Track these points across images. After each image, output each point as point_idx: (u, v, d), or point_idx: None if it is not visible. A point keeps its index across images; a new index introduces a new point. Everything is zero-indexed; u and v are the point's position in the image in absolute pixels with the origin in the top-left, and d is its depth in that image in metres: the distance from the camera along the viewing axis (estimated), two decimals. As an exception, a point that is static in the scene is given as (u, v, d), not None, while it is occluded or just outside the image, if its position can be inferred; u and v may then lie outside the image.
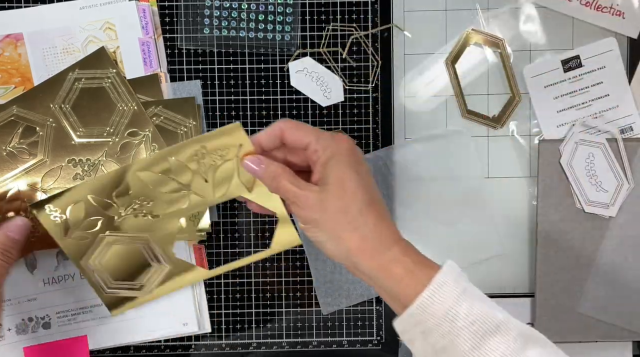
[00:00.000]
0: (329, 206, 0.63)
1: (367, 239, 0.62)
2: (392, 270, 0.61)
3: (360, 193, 0.63)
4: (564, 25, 0.84)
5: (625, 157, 0.83)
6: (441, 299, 0.59)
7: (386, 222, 0.63)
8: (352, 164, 0.64)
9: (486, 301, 0.60)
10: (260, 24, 0.82)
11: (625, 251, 0.84)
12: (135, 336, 0.84)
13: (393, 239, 0.63)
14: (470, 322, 0.58)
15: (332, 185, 0.63)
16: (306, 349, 0.86)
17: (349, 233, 0.62)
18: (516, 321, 0.59)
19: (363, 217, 0.62)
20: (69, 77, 0.81)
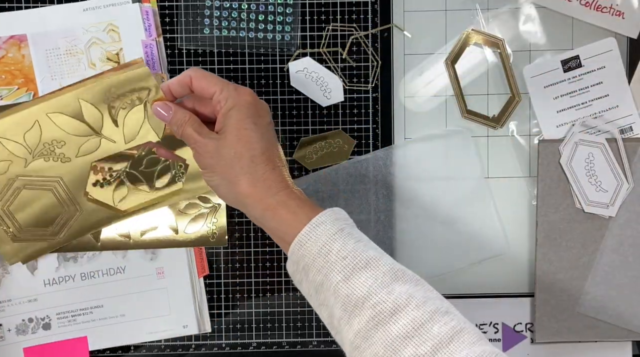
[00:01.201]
0: (224, 152, 0.68)
1: (257, 184, 0.67)
2: (277, 211, 0.66)
3: (255, 142, 0.67)
4: (563, 25, 0.84)
5: (625, 157, 0.83)
6: (316, 236, 0.64)
7: (277, 170, 0.68)
8: (251, 115, 0.68)
9: (362, 241, 0.64)
10: (260, 24, 0.83)
11: (625, 251, 0.83)
12: (135, 338, 0.84)
13: (282, 186, 0.67)
14: (342, 257, 0.62)
15: (229, 133, 0.68)
16: (306, 349, 0.86)
17: (241, 177, 0.67)
18: (389, 260, 0.63)
19: (254, 164, 0.67)
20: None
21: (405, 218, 0.85)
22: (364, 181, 0.84)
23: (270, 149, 0.69)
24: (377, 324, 0.60)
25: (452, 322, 0.59)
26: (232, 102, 0.69)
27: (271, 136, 0.70)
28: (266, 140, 0.69)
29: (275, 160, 0.69)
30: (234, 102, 0.69)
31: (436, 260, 0.85)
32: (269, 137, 0.70)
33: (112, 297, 0.84)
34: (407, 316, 0.59)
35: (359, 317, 0.61)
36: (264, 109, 0.71)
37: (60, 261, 0.83)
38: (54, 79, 0.81)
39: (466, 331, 0.58)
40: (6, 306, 0.83)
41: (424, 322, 0.58)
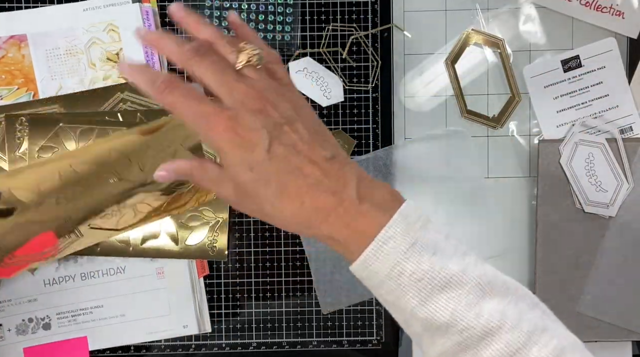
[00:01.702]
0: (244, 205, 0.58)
1: (292, 225, 0.57)
2: (329, 243, 0.57)
3: (262, 190, 0.56)
4: (564, 25, 0.84)
5: (625, 157, 0.83)
6: (384, 256, 0.54)
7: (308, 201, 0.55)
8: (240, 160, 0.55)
9: (438, 252, 0.54)
10: (260, 24, 0.83)
11: (625, 251, 0.83)
12: (134, 338, 0.84)
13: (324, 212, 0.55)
14: (417, 279, 0.53)
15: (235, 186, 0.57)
16: (306, 349, 0.86)
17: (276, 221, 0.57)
18: (475, 270, 0.54)
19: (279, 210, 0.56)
20: (117, 96, 0.82)
21: (405, 218, 0.85)
22: (364, 180, 0.84)
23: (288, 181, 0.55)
24: (465, 348, 0.53)
25: (552, 341, 0.53)
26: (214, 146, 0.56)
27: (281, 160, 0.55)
28: (275, 176, 0.55)
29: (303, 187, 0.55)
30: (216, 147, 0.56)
31: (436, 260, 0.85)
32: (278, 166, 0.55)
33: (112, 297, 0.84)
34: (501, 341, 0.52)
35: (444, 339, 0.54)
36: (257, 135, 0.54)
37: (60, 261, 0.83)
38: (54, 79, 0.81)
39: (567, 349, 0.53)
40: (6, 306, 0.83)
41: (520, 346, 0.52)
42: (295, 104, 0.57)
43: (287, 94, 0.57)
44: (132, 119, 0.81)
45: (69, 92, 0.81)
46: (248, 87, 0.55)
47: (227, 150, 0.55)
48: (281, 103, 0.56)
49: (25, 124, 0.80)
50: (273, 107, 0.55)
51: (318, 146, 0.56)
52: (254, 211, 0.57)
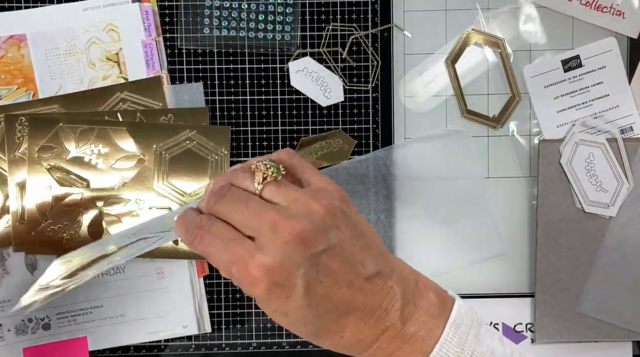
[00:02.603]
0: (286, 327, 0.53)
1: (335, 351, 0.54)
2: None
3: (300, 331, 0.52)
4: (564, 25, 0.84)
5: (625, 157, 0.83)
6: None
7: (349, 334, 0.52)
8: (276, 308, 0.51)
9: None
10: (260, 24, 0.82)
11: (625, 251, 0.83)
12: (134, 338, 0.84)
13: (366, 343, 0.52)
14: None
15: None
16: (306, 349, 0.86)
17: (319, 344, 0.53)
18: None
19: (319, 343, 0.53)
20: (116, 96, 0.82)
21: (405, 218, 0.85)
22: (364, 181, 0.84)
23: (328, 321, 0.51)
24: None
25: None
26: (250, 294, 0.51)
27: (319, 302, 0.51)
28: (312, 320, 0.51)
29: (344, 322, 0.51)
30: (251, 295, 0.51)
31: (436, 260, 0.85)
32: (317, 310, 0.51)
33: (112, 297, 0.84)
34: None
35: None
36: (291, 280, 0.49)
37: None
38: (53, 78, 0.81)
39: None
40: (6, 306, 0.83)
41: None
42: (331, 211, 0.51)
43: (317, 199, 0.51)
44: (132, 119, 0.81)
45: (69, 92, 0.81)
46: (277, 214, 0.50)
47: (261, 300, 0.51)
48: (316, 224, 0.50)
49: (24, 124, 0.80)
50: (308, 236, 0.49)
51: (359, 266, 0.51)
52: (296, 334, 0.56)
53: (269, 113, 0.84)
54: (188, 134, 0.82)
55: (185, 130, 0.82)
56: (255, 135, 0.84)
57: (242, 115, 0.84)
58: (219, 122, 0.83)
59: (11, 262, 0.83)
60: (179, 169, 0.82)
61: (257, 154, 0.84)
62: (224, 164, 0.82)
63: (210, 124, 0.83)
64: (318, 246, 0.49)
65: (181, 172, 0.82)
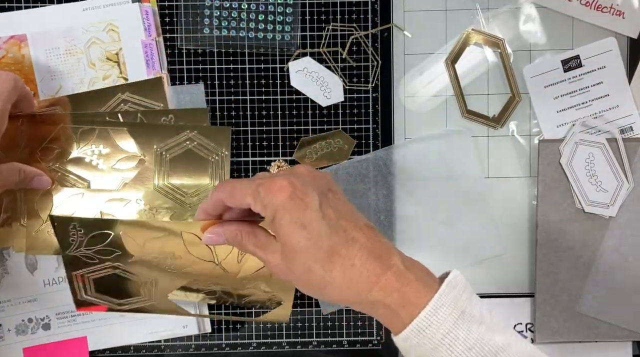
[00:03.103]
0: (292, 269, 0.60)
1: (343, 289, 0.58)
2: (377, 310, 0.58)
3: (313, 250, 0.58)
4: (564, 25, 0.84)
5: (625, 157, 0.83)
6: (438, 322, 0.55)
7: (358, 263, 0.57)
8: (295, 218, 0.58)
9: (485, 322, 0.57)
10: (260, 24, 0.83)
11: (625, 251, 0.83)
12: (134, 338, 0.84)
13: (373, 280, 0.57)
14: (468, 347, 0.55)
15: (285, 247, 0.59)
16: (306, 349, 0.86)
17: (325, 288, 0.59)
18: (519, 345, 0.57)
19: (328, 272, 0.58)
20: (117, 97, 0.82)
21: (405, 218, 0.85)
22: (364, 180, 0.84)
23: (339, 242, 0.58)
24: None
25: None
26: (270, 210, 0.59)
27: (331, 221, 0.58)
28: (327, 236, 0.58)
29: (353, 250, 0.58)
30: (272, 210, 0.58)
31: (436, 260, 0.84)
32: (330, 227, 0.58)
33: (112, 297, 0.84)
34: None
35: None
36: (309, 196, 0.59)
37: (60, 261, 0.83)
38: (53, 79, 0.81)
39: None
40: (6, 306, 0.83)
41: None
42: (328, 181, 0.62)
43: (322, 177, 0.63)
44: (133, 120, 0.81)
45: (69, 92, 0.81)
46: (291, 175, 0.60)
47: (282, 210, 0.58)
48: (319, 178, 0.61)
49: (24, 124, 0.80)
50: (315, 178, 0.61)
51: (359, 217, 0.60)
52: (302, 275, 0.59)
53: (269, 113, 0.84)
54: (188, 134, 0.82)
55: (186, 130, 0.82)
56: (255, 135, 0.84)
57: (242, 115, 0.84)
58: (219, 123, 0.83)
59: (11, 262, 0.83)
60: (179, 169, 0.82)
61: (257, 154, 0.84)
62: (224, 164, 0.82)
63: (210, 124, 0.83)
64: (325, 184, 0.61)
65: (182, 172, 0.82)
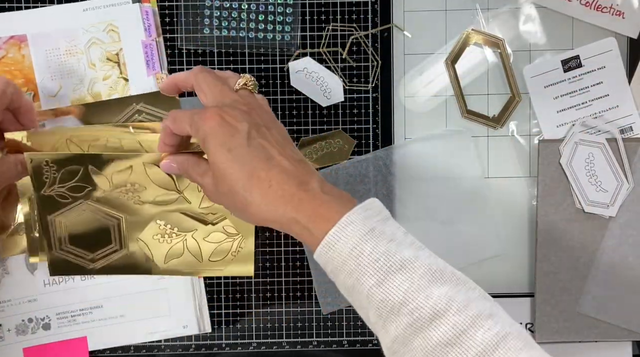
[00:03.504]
0: (220, 189, 0.65)
1: (262, 208, 0.63)
2: (292, 228, 0.62)
3: (236, 171, 0.63)
4: (564, 25, 0.84)
5: (625, 157, 0.83)
6: (346, 237, 0.59)
7: (275, 183, 0.62)
8: (222, 142, 0.63)
9: (396, 240, 0.60)
10: (260, 24, 0.83)
11: (625, 251, 0.83)
12: (135, 338, 0.85)
13: (289, 198, 0.62)
14: (374, 260, 0.58)
15: (213, 171, 0.65)
16: (306, 349, 0.86)
17: (247, 208, 0.63)
18: (426, 259, 0.59)
19: (248, 192, 0.63)
20: (132, 107, 0.82)
21: (405, 218, 0.85)
22: (364, 180, 0.84)
23: (260, 166, 0.63)
24: (415, 331, 0.57)
25: (497, 326, 0.56)
26: (201, 135, 0.64)
27: (256, 148, 0.64)
28: (249, 160, 0.63)
29: (269, 174, 0.63)
30: (203, 134, 0.64)
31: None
32: (253, 152, 0.63)
33: (111, 297, 0.84)
34: (448, 322, 0.56)
35: (396, 323, 0.57)
36: (238, 123, 0.64)
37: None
38: (53, 79, 0.81)
39: (512, 335, 0.55)
40: (6, 306, 0.83)
41: (465, 328, 0.55)
42: (273, 119, 0.68)
43: (268, 111, 0.69)
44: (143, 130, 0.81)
45: (69, 92, 0.81)
46: (239, 96, 0.68)
47: (212, 134, 0.64)
48: (262, 114, 0.67)
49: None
50: (255, 114, 0.66)
51: (289, 149, 0.65)
52: (227, 196, 0.64)
53: (269, 113, 0.84)
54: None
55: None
56: (255, 135, 0.84)
57: (242, 115, 0.84)
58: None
59: (11, 262, 0.83)
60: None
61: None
62: None
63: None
64: (261, 119, 0.66)
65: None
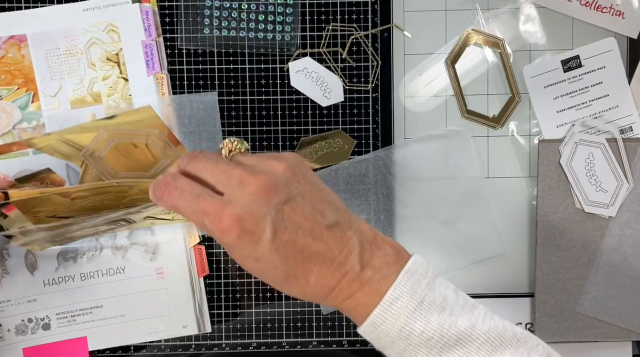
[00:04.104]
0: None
1: (301, 297, 0.57)
2: (344, 304, 0.57)
3: (268, 276, 0.56)
4: (564, 25, 0.84)
5: (625, 157, 0.83)
6: (393, 317, 0.55)
7: (313, 278, 0.56)
8: (247, 254, 0.56)
9: (447, 308, 0.55)
10: (260, 24, 0.83)
11: (625, 251, 0.83)
12: (135, 338, 0.84)
13: (329, 288, 0.56)
14: (427, 338, 0.54)
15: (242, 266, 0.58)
16: (306, 349, 0.86)
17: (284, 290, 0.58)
18: (484, 326, 0.55)
19: (286, 289, 0.57)
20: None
21: (405, 218, 0.85)
22: (364, 181, 0.84)
23: (295, 265, 0.55)
24: None
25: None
26: (219, 240, 0.56)
27: (286, 246, 0.55)
28: (281, 264, 0.55)
29: (310, 266, 0.56)
30: (221, 242, 0.56)
31: (436, 260, 0.85)
32: (284, 254, 0.55)
33: (111, 297, 0.84)
34: None
35: None
36: (260, 226, 0.54)
37: (60, 261, 0.83)
38: (53, 79, 0.81)
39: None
40: (6, 306, 0.83)
41: None
42: (291, 169, 0.57)
43: (278, 160, 0.58)
44: None
45: (69, 92, 0.81)
46: (243, 171, 0.56)
47: (233, 247, 0.55)
48: (278, 178, 0.56)
49: None
50: (271, 187, 0.55)
51: (319, 216, 0.56)
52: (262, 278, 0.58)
53: (269, 113, 0.84)
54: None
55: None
56: (255, 135, 0.84)
57: (242, 115, 0.84)
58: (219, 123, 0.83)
59: (11, 262, 0.83)
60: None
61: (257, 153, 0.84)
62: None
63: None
64: (281, 196, 0.55)
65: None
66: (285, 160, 0.58)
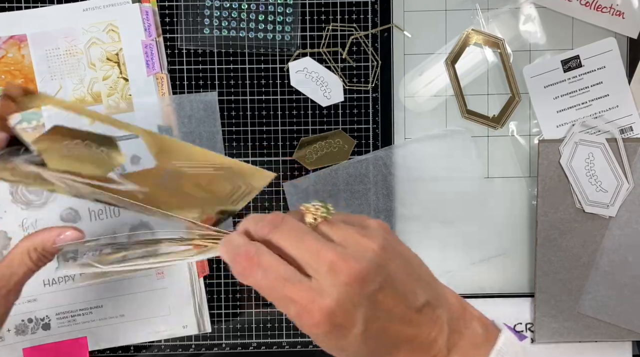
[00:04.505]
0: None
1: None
2: None
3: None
4: (563, 25, 0.84)
5: (625, 157, 0.83)
6: None
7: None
8: (334, 346, 0.52)
9: None
10: (260, 24, 0.83)
11: (625, 251, 0.83)
12: (135, 338, 0.84)
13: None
14: None
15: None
16: (306, 349, 0.86)
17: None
18: None
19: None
20: None
21: (405, 218, 0.85)
22: (364, 181, 0.84)
23: (382, 352, 0.52)
24: None
25: None
26: (301, 328, 0.51)
27: (376, 338, 0.51)
28: (369, 353, 0.52)
29: (397, 355, 0.52)
30: (303, 330, 0.51)
31: (436, 260, 0.85)
32: (373, 344, 0.51)
33: (111, 297, 0.84)
34: None
35: None
36: (350, 320, 0.50)
37: (60, 261, 0.83)
38: (53, 79, 0.81)
39: None
40: (6, 306, 0.83)
41: None
42: (384, 247, 0.51)
43: (369, 236, 0.52)
44: None
45: (69, 92, 0.81)
46: (334, 255, 0.50)
47: (320, 339, 0.51)
48: (371, 262, 0.50)
49: None
50: (365, 275, 0.50)
51: (411, 295, 0.52)
52: None
53: (269, 113, 0.84)
54: None
55: None
56: (255, 135, 0.84)
57: (242, 115, 0.84)
58: (219, 123, 0.83)
59: (11, 262, 0.83)
60: None
61: (257, 154, 0.84)
62: None
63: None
64: (375, 283, 0.50)
65: None
66: (376, 236, 0.52)
